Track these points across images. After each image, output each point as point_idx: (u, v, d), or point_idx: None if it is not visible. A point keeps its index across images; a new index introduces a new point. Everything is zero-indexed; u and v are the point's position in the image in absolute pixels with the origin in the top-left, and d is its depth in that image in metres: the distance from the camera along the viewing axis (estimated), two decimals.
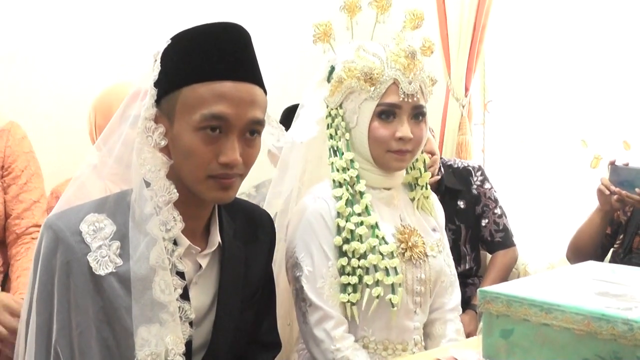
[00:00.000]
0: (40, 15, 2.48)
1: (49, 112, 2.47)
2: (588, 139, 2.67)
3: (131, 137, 1.15)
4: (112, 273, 1.09)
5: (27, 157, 1.92)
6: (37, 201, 1.92)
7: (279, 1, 3.04)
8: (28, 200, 1.90)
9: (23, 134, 1.95)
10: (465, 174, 2.47)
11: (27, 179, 1.91)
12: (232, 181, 1.13)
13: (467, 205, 2.45)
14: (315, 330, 1.42)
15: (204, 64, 1.10)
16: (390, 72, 1.43)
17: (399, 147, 1.45)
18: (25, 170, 1.91)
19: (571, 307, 0.95)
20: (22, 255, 1.86)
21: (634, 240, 2.08)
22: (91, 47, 2.57)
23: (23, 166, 1.90)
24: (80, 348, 1.08)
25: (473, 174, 2.48)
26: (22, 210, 1.89)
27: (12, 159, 1.89)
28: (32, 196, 1.91)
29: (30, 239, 1.88)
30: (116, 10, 2.62)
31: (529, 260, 2.83)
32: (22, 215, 1.89)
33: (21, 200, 1.89)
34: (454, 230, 2.43)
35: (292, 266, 1.47)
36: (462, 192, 2.45)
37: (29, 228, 1.89)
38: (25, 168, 1.91)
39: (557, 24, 2.76)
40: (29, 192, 1.91)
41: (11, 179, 1.89)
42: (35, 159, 1.97)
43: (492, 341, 1.04)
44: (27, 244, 1.87)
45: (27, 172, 1.91)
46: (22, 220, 1.89)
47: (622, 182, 2.04)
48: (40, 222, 1.86)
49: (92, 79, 2.44)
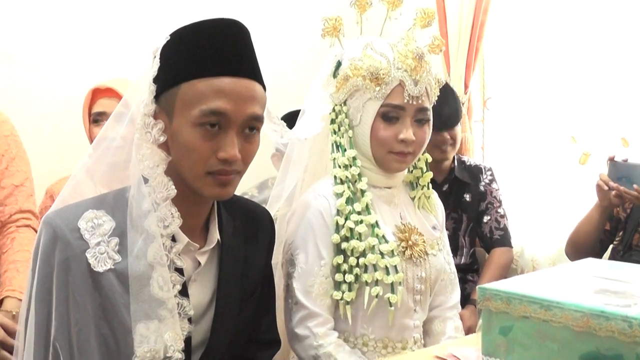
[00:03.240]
0: (37, 14, 2.48)
1: (46, 110, 2.47)
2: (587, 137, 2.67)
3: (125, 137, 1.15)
4: (110, 270, 1.09)
5: (6, 141, 1.80)
6: (21, 185, 1.81)
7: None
8: (10, 186, 1.79)
9: (4, 118, 1.84)
10: (475, 171, 2.57)
11: (8, 163, 1.79)
12: (230, 178, 1.13)
13: (472, 199, 2.53)
14: (297, 329, 1.42)
15: (203, 60, 1.09)
16: (397, 73, 1.42)
17: (400, 149, 1.45)
18: (5, 155, 1.79)
19: (570, 304, 0.95)
20: (8, 247, 1.77)
21: (634, 237, 2.09)
22: (88, 45, 2.57)
23: (3, 150, 1.78)
24: (79, 345, 1.08)
25: (483, 173, 2.56)
26: (4, 197, 1.78)
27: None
28: (14, 181, 1.80)
29: (15, 227, 1.79)
30: (114, 8, 2.62)
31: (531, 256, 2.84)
32: (5, 202, 1.78)
33: (3, 186, 1.78)
34: (456, 219, 2.51)
35: (287, 262, 1.47)
36: (469, 186, 2.53)
37: (12, 215, 1.79)
38: (5, 152, 1.79)
39: (556, 21, 2.76)
40: (11, 177, 1.79)
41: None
42: (18, 142, 1.85)
43: (492, 338, 1.04)
44: (12, 233, 1.79)
45: (7, 156, 1.79)
46: (6, 207, 1.78)
47: (620, 177, 2.04)
48: (25, 207, 1.80)
49: (88, 77, 2.44)
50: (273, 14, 3.02)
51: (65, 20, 2.52)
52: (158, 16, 2.64)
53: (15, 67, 2.42)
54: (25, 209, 1.82)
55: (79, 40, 2.55)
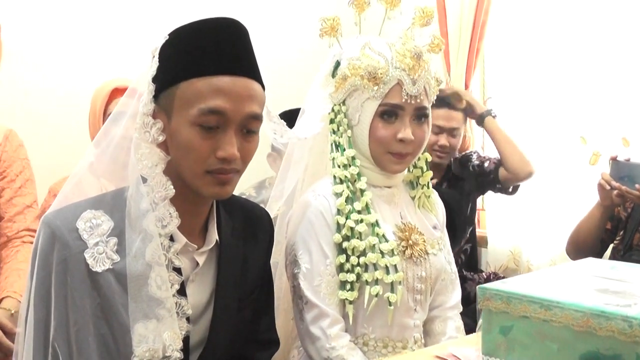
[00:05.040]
0: (37, 14, 2.48)
1: (45, 110, 2.47)
2: (587, 136, 2.67)
3: (127, 134, 1.15)
4: (109, 270, 1.09)
5: (22, 164, 1.95)
6: (30, 206, 1.94)
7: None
8: (21, 205, 1.92)
9: (20, 142, 1.99)
10: (464, 160, 2.63)
11: (22, 184, 1.93)
12: (229, 177, 1.13)
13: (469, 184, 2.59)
14: (312, 328, 1.41)
15: (201, 59, 1.09)
16: (395, 73, 1.42)
17: (399, 150, 1.45)
18: (20, 175, 1.93)
19: (571, 304, 0.94)
20: (11, 258, 1.87)
21: (634, 236, 2.09)
22: (88, 44, 2.57)
23: (18, 171, 1.93)
24: (78, 345, 1.08)
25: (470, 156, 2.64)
26: (15, 214, 1.91)
27: (7, 164, 1.92)
28: (26, 201, 1.93)
29: (21, 242, 1.89)
30: (114, 8, 2.62)
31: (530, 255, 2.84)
32: (15, 219, 1.91)
33: (15, 204, 1.91)
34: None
35: (291, 263, 1.47)
36: (464, 175, 2.60)
37: (20, 232, 1.90)
38: (20, 173, 1.94)
39: (557, 21, 2.76)
40: (23, 197, 1.93)
41: (6, 182, 1.91)
42: (30, 167, 1.99)
43: (492, 338, 1.04)
44: (18, 247, 1.89)
45: (21, 177, 1.94)
46: (14, 224, 1.90)
47: (622, 177, 2.04)
48: (32, 227, 1.91)
49: (88, 77, 2.44)
50: (273, 13, 3.02)
51: (66, 20, 2.52)
52: (158, 16, 2.64)
53: (16, 66, 2.42)
54: (32, 228, 1.91)
55: (79, 39, 2.55)
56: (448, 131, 2.49)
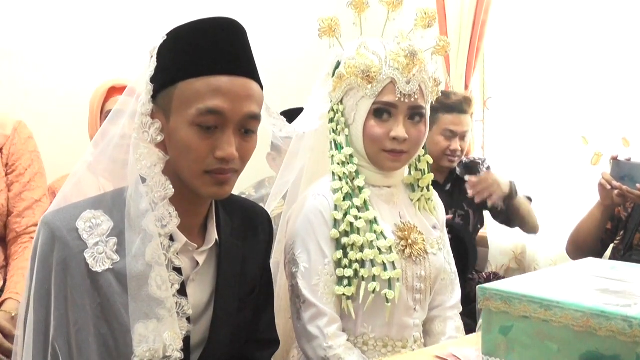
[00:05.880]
0: (37, 13, 2.47)
1: (46, 108, 2.47)
2: (588, 136, 2.67)
3: (126, 134, 1.15)
4: (109, 270, 1.09)
5: (31, 156, 1.94)
6: (39, 200, 1.93)
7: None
8: (30, 199, 1.91)
9: (29, 133, 1.97)
10: (472, 165, 2.59)
11: (31, 178, 1.92)
12: (228, 176, 1.13)
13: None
14: (309, 327, 1.42)
15: (199, 59, 1.09)
16: (388, 71, 1.42)
17: (393, 147, 1.45)
18: (29, 168, 1.92)
19: (571, 304, 0.94)
20: (19, 255, 1.86)
21: (635, 236, 2.08)
22: (88, 44, 2.57)
23: (27, 164, 1.92)
24: (78, 345, 1.08)
25: (480, 165, 2.59)
26: (24, 209, 1.90)
27: (16, 157, 1.91)
28: (35, 195, 1.92)
29: (29, 239, 1.88)
30: (113, 7, 2.62)
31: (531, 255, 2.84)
32: (24, 214, 1.90)
33: (23, 199, 1.90)
34: (464, 216, 2.54)
35: (289, 262, 1.47)
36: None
37: (29, 227, 1.89)
38: (29, 167, 1.92)
39: (557, 21, 2.76)
40: (32, 191, 1.92)
41: (15, 176, 1.90)
42: (40, 159, 1.98)
43: (492, 338, 1.04)
44: (25, 243, 1.88)
45: (30, 170, 1.92)
46: (23, 219, 1.90)
47: (623, 177, 2.04)
48: None
49: (88, 77, 2.44)
50: (273, 14, 3.02)
51: (66, 20, 2.52)
52: (157, 16, 2.64)
53: (16, 66, 2.42)
54: None
55: (79, 39, 2.55)
56: (460, 135, 2.48)
